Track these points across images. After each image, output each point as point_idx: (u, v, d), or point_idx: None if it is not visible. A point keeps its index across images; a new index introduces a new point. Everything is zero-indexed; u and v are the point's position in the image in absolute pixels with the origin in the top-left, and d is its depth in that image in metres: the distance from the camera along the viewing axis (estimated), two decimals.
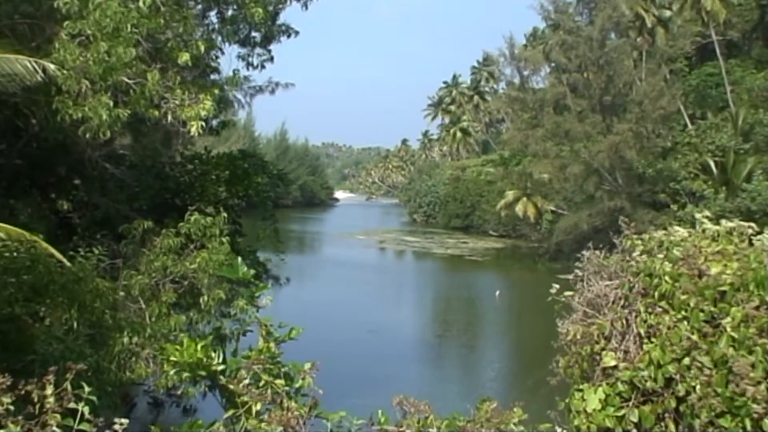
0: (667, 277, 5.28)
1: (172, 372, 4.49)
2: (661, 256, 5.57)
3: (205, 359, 4.39)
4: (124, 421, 3.62)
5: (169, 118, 14.73)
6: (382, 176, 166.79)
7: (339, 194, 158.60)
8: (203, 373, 4.43)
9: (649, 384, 4.98)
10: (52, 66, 11.43)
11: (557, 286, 5.75)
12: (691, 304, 5.07)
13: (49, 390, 3.46)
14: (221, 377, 4.45)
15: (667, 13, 52.03)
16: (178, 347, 4.44)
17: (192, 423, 4.04)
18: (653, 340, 5.13)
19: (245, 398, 4.17)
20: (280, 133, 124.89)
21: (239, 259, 5.45)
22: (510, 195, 61.03)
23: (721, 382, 4.71)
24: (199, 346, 4.45)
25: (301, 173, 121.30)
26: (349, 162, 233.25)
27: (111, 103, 13.42)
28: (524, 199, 59.77)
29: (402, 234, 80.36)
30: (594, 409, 5.02)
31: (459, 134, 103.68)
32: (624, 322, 5.37)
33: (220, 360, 4.47)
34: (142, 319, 14.23)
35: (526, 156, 60.13)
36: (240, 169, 19.50)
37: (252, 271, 5.16)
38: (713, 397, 4.70)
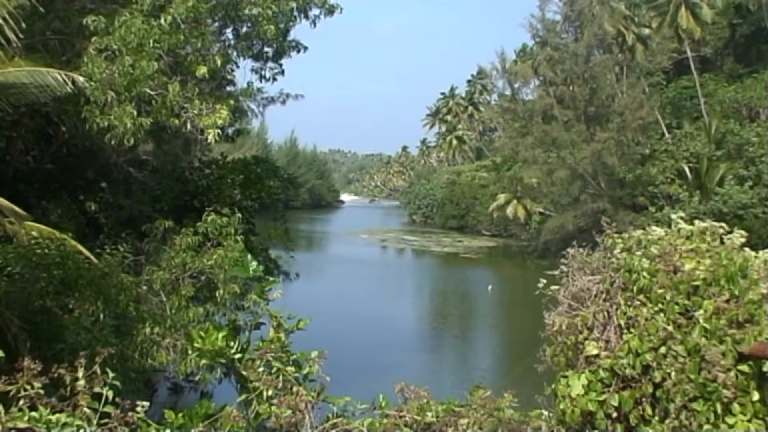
0: (645, 273, 5.28)
1: (194, 356, 4.51)
2: (639, 253, 5.56)
3: (224, 347, 4.41)
4: (145, 403, 3.64)
5: (188, 126, 14.78)
6: (384, 180, 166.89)
7: (344, 197, 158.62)
8: (222, 360, 4.45)
9: (628, 371, 4.99)
10: (81, 78, 11.48)
11: (544, 281, 5.76)
12: (667, 298, 5.07)
13: (80, 373, 3.49)
14: (238, 364, 4.46)
15: (646, 31, 51.96)
16: (202, 334, 4.45)
17: (204, 405, 4.03)
18: (632, 330, 5.14)
19: (257, 384, 4.18)
20: (290, 141, 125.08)
21: (249, 256, 5.44)
22: (502, 198, 61.22)
23: (694, 369, 4.73)
24: (220, 335, 4.46)
25: (310, 177, 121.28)
26: (353, 167, 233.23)
27: (135, 113, 13.47)
28: (515, 201, 59.96)
29: (402, 233, 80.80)
30: (578, 394, 5.03)
31: (455, 142, 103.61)
32: (605, 314, 5.37)
33: (237, 348, 4.49)
34: (163, 311, 14.25)
35: (516, 162, 60.14)
36: (253, 173, 19.54)
37: (261, 267, 5.16)
38: (687, 383, 4.72)
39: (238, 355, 4.48)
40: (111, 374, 3.55)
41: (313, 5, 17.24)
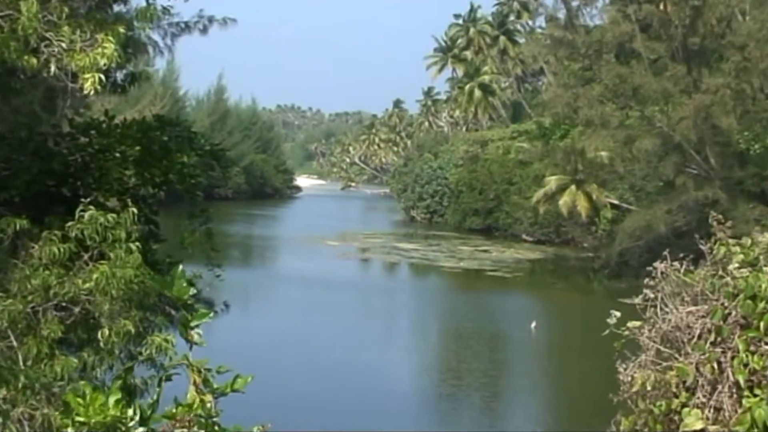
0: None
1: None
2: None
3: (118, 417, 4.41)
4: None
5: (53, 68, 14.69)
6: (365, 154, 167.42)
7: (302, 181, 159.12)
8: None
9: None
10: None
11: (618, 314, 5.91)
12: None
13: None
14: None
15: None
16: (81, 400, 4.45)
17: None
18: (757, 392, 5.21)
19: None
20: (215, 91, 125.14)
21: (181, 266, 5.40)
22: (552, 182, 61.24)
23: None
24: (111, 400, 4.46)
25: (247, 150, 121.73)
26: (316, 134, 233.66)
27: None
28: (572, 187, 59.92)
29: (394, 239, 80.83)
30: None
31: (478, 93, 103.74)
32: (715, 366, 5.43)
33: (137, 419, 4.50)
34: (12, 362, 14.12)
35: (575, 125, 60.30)
36: (157, 143, 19.25)
37: (191, 288, 5.15)
38: None
39: (140, 430, 4.49)
40: None
41: None
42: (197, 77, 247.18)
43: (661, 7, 50.57)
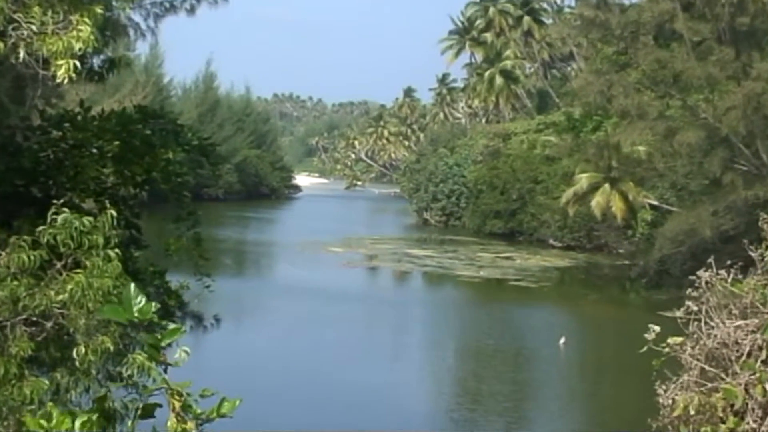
0: None
1: None
2: None
3: None
4: None
5: (22, 54, 14.70)
6: (372, 150, 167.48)
7: (302, 179, 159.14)
8: None
9: None
10: None
11: (657, 328, 5.97)
12: None
13: None
14: None
15: None
16: (45, 423, 4.43)
17: None
18: None
19: None
20: (204, 79, 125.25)
21: (132, 286, 5.34)
22: (584, 180, 61.03)
23: None
24: (78, 422, 4.45)
25: (240, 144, 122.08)
26: (318, 126, 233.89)
27: None
28: (606, 186, 59.74)
29: (405, 244, 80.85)
30: None
31: (499, 80, 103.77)
32: (767, 387, 5.41)
33: None
34: None
35: (608, 116, 60.37)
36: (138, 137, 19.23)
37: (154, 305, 5.09)
38: None
39: None
40: None
41: None
42: (184, 63, 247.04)
43: None
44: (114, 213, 15.53)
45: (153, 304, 5.06)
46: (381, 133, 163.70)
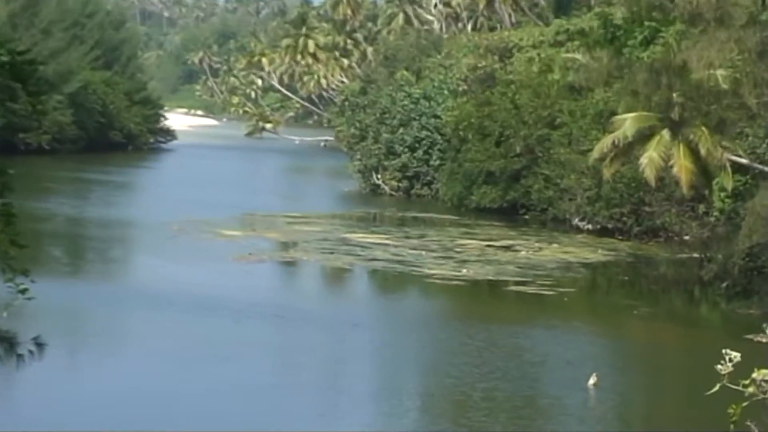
0: None
1: None
2: None
3: None
4: None
5: None
6: (290, 73, 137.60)
7: (177, 119, 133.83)
8: None
9: None
10: None
11: (736, 355, 6.31)
12: None
13: None
14: None
15: None
16: None
17: None
18: None
19: None
20: None
21: None
22: (628, 124, 48.96)
23: None
24: None
25: (78, 63, 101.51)
26: (203, 34, 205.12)
27: None
28: (665, 133, 47.76)
29: (343, 225, 67.23)
30: None
31: None
32: None
33: None
34: None
35: (670, 21, 52.53)
36: None
37: None
38: None
39: None
40: None
41: None
42: None
43: None
44: None
45: None
46: (305, 47, 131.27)
